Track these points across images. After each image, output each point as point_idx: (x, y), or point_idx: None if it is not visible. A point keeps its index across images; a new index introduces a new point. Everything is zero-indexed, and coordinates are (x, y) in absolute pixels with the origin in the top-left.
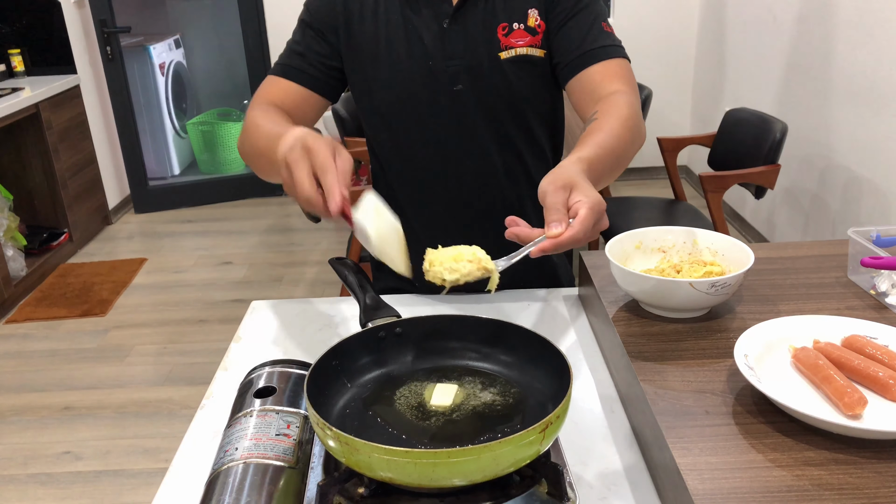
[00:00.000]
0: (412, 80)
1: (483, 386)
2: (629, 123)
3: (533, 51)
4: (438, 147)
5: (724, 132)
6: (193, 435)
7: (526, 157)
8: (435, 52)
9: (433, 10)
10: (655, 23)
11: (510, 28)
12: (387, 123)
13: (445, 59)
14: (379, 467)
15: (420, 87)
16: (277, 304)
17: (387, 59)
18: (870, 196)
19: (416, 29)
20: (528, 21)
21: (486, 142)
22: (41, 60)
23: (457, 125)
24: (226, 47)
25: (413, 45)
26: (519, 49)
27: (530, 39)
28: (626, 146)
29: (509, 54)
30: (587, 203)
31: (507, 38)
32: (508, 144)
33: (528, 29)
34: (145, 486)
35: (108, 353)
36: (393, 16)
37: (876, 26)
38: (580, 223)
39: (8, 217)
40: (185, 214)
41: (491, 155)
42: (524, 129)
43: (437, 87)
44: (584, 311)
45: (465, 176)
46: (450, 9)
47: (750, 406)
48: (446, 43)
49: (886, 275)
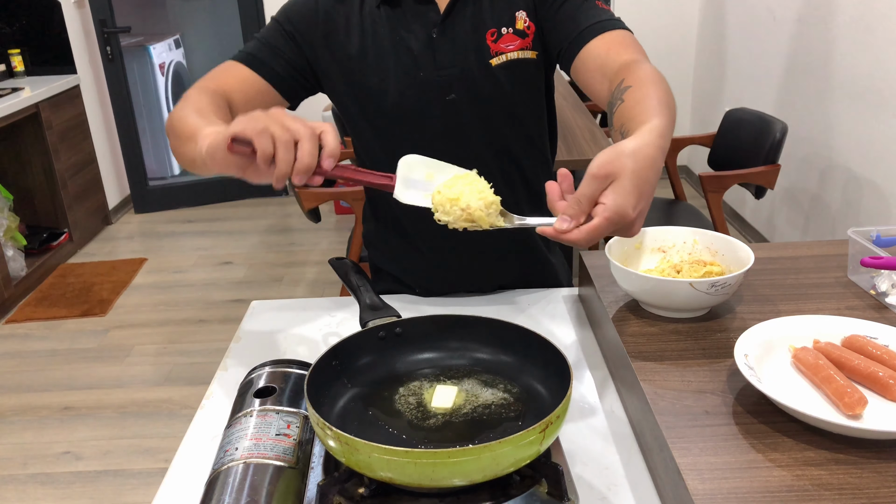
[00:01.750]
0: (402, 91)
1: (483, 386)
2: (665, 84)
3: (524, 54)
4: (432, 156)
5: (724, 132)
6: (193, 435)
7: (522, 162)
8: (424, 62)
9: (421, 20)
10: (655, 23)
11: (499, 33)
12: (378, 133)
13: (436, 68)
14: (379, 467)
15: (411, 98)
16: (277, 304)
17: (376, 70)
18: (870, 196)
19: (403, 40)
20: (517, 24)
21: (482, 149)
22: (41, 60)
23: (450, 134)
24: (226, 47)
25: (401, 56)
26: (510, 54)
27: (520, 43)
28: (674, 105)
29: (500, 60)
30: (607, 212)
31: (496, 43)
32: (504, 150)
33: (518, 32)
34: (145, 486)
35: (108, 353)
36: (380, 28)
37: (876, 26)
38: (588, 231)
39: (8, 217)
40: (185, 214)
41: (486, 162)
42: (520, 134)
43: (428, 97)
44: (584, 311)
45: None
46: (437, 17)
47: (750, 406)
48: (436, 52)
49: (886, 275)
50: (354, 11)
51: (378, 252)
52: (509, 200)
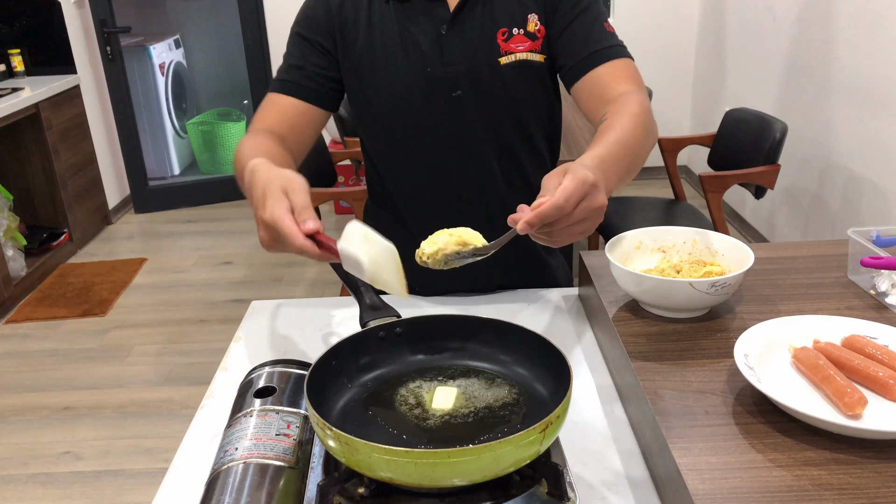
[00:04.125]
0: (409, 86)
1: (483, 386)
2: (640, 119)
3: (533, 56)
4: (436, 153)
5: (724, 132)
6: (193, 435)
7: (524, 163)
8: (433, 58)
9: (430, 16)
10: (655, 23)
11: (510, 33)
12: (384, 129)
13: (444, 64)
14: (379, 467)
15: (418, 94)
16: (277, 304)
17: (383, 65)
18: (870, 196)
19: (412, 36)
20: (528, 26)
21: (485, 147)
22: (41, 60)
23: (455, 131)
24: (226, 47)
25: (410, 52)
26: (519, 54)
27: (530, 45)
28: (639, 142)
29: (509, 59)
30: (572, 176)
31: (506, 43)
32: (507, 150)
33: (528, 34)
34: (145, 486)
35: (108, 353)
36: (388, 22)
37: (876, 27)
38: (561, 191)
39: (8, 217)
40: (185, 214)
41: (489, 160)
42: (523, 135)
43: (435, 93)
44: (584, 311)
45: (463, 182)
46: (447, 14)
47: (750, 406)
48: (444, 49)
49: (886, 275)
50: (363, 5)
51: None
52: (511, 200)
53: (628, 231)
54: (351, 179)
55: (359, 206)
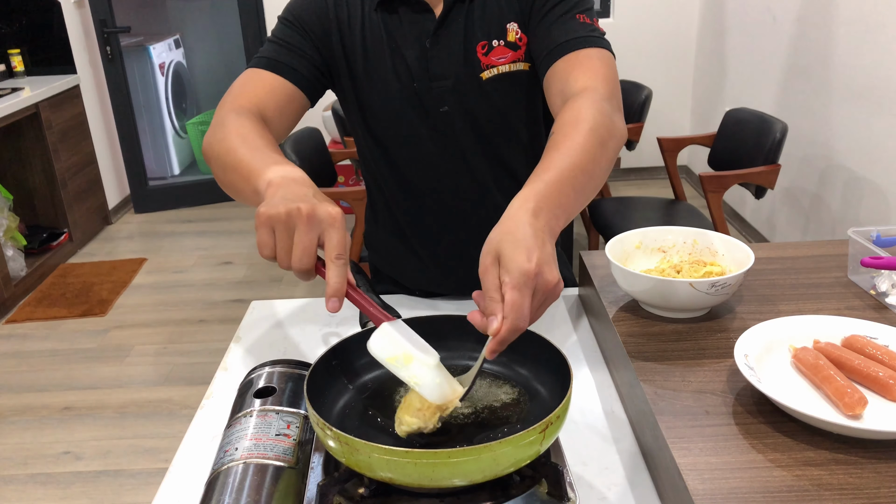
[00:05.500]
0: (399, 102)
1: (483, 386)
2: (593, 126)
3: (516, 66)
4: (430, 165)
5: (724, 132)
6: (193, 435)
7: (518, 172)
8: (419, 73)
9: (416, 28)
10: (655, 23)
11: (489, 46)
12: (377, 141)
13: (430, 80)
14: (379, 467)
15: (407, 109)
16: (277, 304)
17: (374, 77)
18: (870, 196)
19: (399, 49)
20: (508, 36)
21: (477, 160)
22: (41, 60)
23: (446, 145)
24: (226, 47)
25: (398, 66)
26: (501, 67)
27: (512, 55)
28: (592, 156)
29: (491, 73)
30: (510, 283)
31: (486, 56)
32: (499, 162)
33: (509, 45)
34: (145, 486)
35: (108, 353)
36: (377, 31)
37: (876, 26)
38: (511, 310)
39: (8, 217)
40: (185, 214)
41: (482, 172)
42: (515, 146)
43: (423, 109)
44: (584, 311)
45: (458, 192)
46: (432, 26)
47: (750, 406)
48: (430, 64)
49: (886, 275)
50: (356, 10)
51: (378, 255)
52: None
53: (628, 231)
54: (351, 179)
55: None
